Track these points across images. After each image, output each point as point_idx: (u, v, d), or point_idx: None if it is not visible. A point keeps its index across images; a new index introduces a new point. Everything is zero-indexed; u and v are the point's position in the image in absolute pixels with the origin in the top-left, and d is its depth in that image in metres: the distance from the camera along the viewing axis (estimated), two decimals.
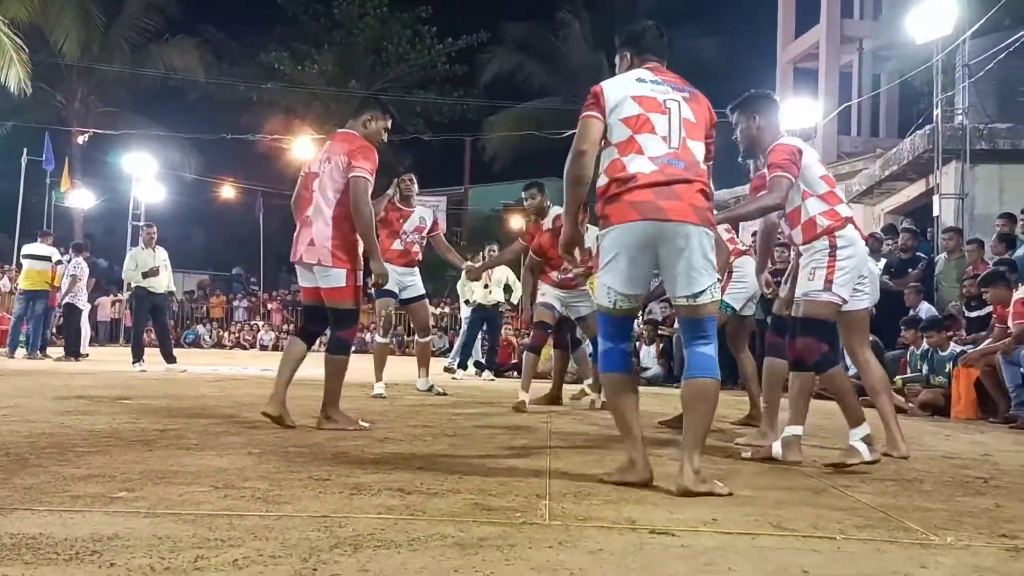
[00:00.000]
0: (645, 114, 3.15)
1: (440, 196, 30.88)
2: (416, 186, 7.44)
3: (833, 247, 3.91)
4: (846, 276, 3.92)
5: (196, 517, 2.41)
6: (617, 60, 3.51)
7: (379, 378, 7.12)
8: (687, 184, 3.09)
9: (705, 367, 3.12)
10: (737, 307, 5.77)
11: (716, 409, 3.15)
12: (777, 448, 3.94)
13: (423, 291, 7.46)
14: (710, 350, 3.14)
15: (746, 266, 5.73)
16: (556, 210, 6.25)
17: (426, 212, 7.53)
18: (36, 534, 2.16)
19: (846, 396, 3.90)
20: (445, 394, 7.50)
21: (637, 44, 3.43)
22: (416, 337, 8.18)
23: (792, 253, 4.48)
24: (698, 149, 3.21)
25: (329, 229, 4.57)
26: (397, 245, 7.20)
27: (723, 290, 5.32)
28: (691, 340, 3.17)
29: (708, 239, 3.11)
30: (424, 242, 7.44)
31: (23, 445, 3.69)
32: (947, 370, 7.70)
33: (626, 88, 3.22)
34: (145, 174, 23.28)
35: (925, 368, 8.09)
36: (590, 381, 7.27)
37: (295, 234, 4.73)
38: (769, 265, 4.67)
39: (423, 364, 7.78)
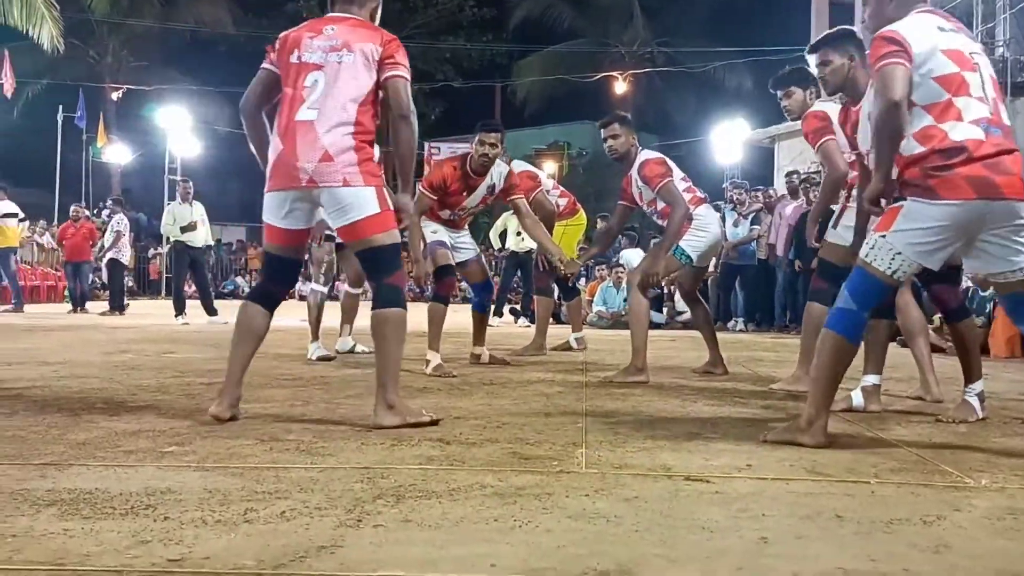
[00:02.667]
0: (960, 72, 2.86)
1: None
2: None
3: None
4: None
5: (244, 470, 2.50)
6: (871, 4, 3.15)
7: (315, 336, 6.15)
8: (1010, 155, 2.84)
9: None
10: (694, 257, 5.21)
11: None
12: (858, 398, 3.86)
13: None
14: None
15: (707, 215, 5.30)
16: (645, 154, 5.27)
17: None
18: (92, 489, 2.25)
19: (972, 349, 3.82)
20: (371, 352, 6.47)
21: None
22: (346, 288, 6.77)
23: (846, 198, 4.35)
24: (1004, 111, 2.95)
25: (352, 138, 3.26)
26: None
27: (681, 238, 5.10)
28: None
29: None
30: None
31: (75, 400, 3.82)
32: (987, 310, 7.62)
33: (932, 38, 2.88)
34: (179, 128, 23.43)
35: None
36: (579, 335, 7.24)
37: (278, 150, 3.32)
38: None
39: (348, 320, 6.64)
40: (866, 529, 1.98)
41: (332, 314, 6.61)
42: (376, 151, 3.87)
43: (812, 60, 4.14)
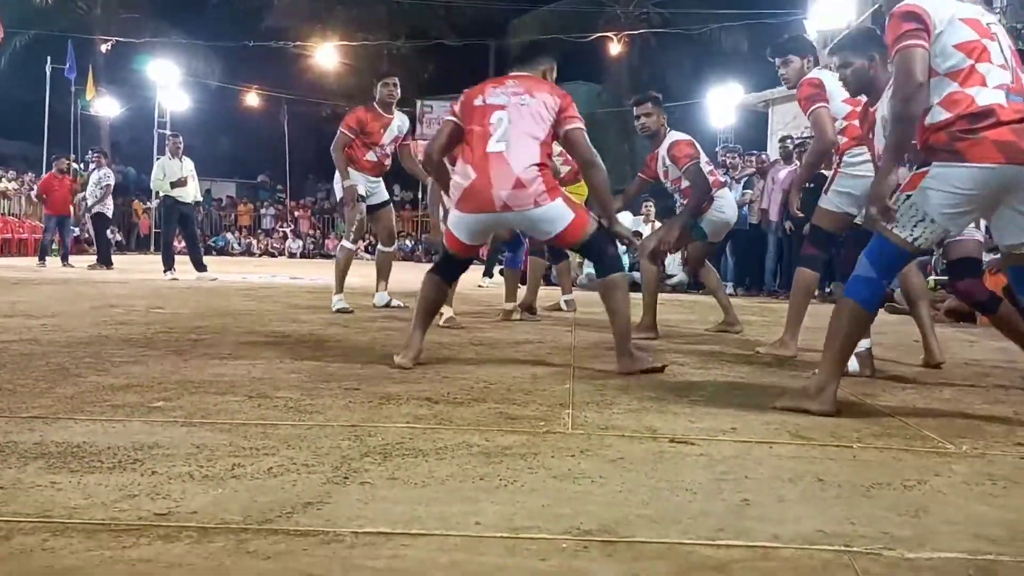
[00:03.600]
0: (980, 40, 2.85)
1: None
2: (399, 91, 6.65)
3: None
4: None
5: (231, 426, 2.51)
6: None
7: (340, 289, 6.52)
8: None
9: None
10: (709, 234, 5.69)
11: None
12: (853, 363, 3.88)
13: (387, 196, 6.96)
14: None
15: (727, 198, 5.75)
16: (675, 135, 5.59)
17: (403, 120, 6.78)
18: (80, 442, 2.26)
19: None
20: (406, 307, 6.54)
21: None
22: (379, 247, 7.22)
23: (837, 164, 4.39)
24: None
25: (538, 172, 3.68)
26: (371, 156, 6.55)
27: (700, 216, 5.54)
28: None
29: None
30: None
31: (63, 355, 3.82)
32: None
33: (949, 8, 2.87)
34: (169, 82, 23.19)
35: None
36: (569, 296, 7.30)
37: (470, 178, 3.72)
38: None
39: (383, 276, 6.96)
40: (847, 493, 2.01)
41: (362, 271, 6.79)
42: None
43: (834, 60, 4.09)
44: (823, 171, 4.74)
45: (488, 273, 12.16)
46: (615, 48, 24.64)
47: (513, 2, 28.73)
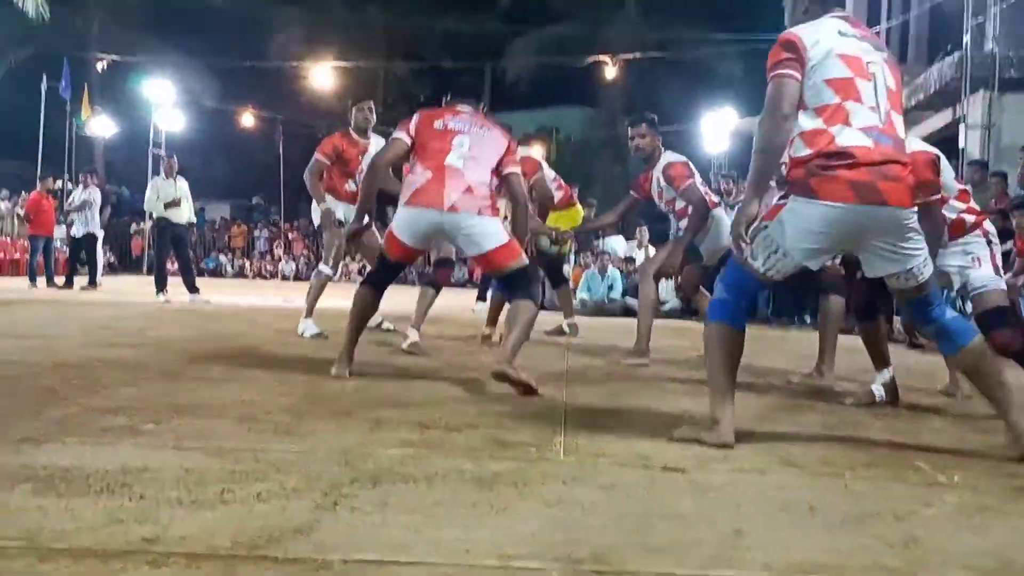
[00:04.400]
0: (853, 77, 2.83)
1: None
2: (374, 116, 6.58)
3: None
4: None
5: (221, 450, 2.50)
6: (788, 5, 3.20)
7: (309, 313, 6.24)
8: (901, 166, 2.82)
9: (968, 329, 3.01)
10: (704, 256, 5.61)
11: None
12: (879, 392, 3.96)
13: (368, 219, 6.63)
14: (951, 311, 3.00)
15: (721, 219, 5.62)
16: (669, 156, 5.55)
17: (381, 143, 6.53)
18: (68, 466, 2.24)
19: None
20: (396, 330, 6.45)
21: None
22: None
23: None
24: (900, 123, 2.93)
25: (488, 189, 4.10)
26: (350, 186, 6.36)
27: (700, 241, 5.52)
28: (930, 311, 2.97)
29: (916, 220, 2.89)
30: None
31: (52, 377, 3.80)
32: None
33: (829, 42, 2.86)
34: (165, 101, 23.20)
35: None
36: (572, 320, 7.30)
37: (424, 179, 4.04)
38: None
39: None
40: (838, 522, 2.00)
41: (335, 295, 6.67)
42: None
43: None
44: None
45: (482, 297, 12.16)
46: (610, 72, 24.76)
47: (509, 25, 28.91)
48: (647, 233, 12.75)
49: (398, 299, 6.76)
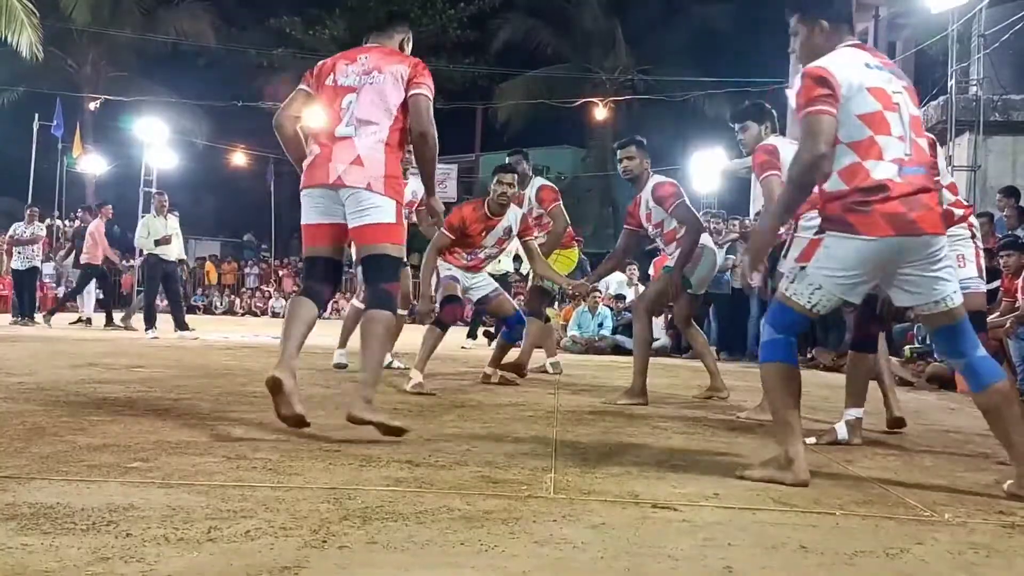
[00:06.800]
0: (882, 111, 2.86)
1: (451, 164, 30.81)
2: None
3: None
4: None
5: (209, 488, 2.47)
6: (802, 34, 3.10)
7: (343, 344, 6.51)
8: (928, 193, 2.85)
9: (996, 369, 2.94)
10: (694, 283, 5.56)
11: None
12: (843, 431, 3.90)
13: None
14: (982, 350, 2.95)
15: (707, 244, 5.63)
16: (658, 178, 5.55)
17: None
18: (54, 503, 2.22)
19: None
20: (406, 368, 6.39)
21: (831, 10, 3.02)
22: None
23: (789, 227, 4.46)
24: (924, 146, 2.96)
25: (382, 153, 3.59)
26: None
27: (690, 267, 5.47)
28: (960, 344, 2.93)
29: (949, 246, 2.95)
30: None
31: (39, 413, 3.77)
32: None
33: (858, 76, 2.87)
34: (156, 140, 23.26)
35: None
36: (555, 359, 7.30)
37: (312, 156, 3.68)
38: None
39: (389, 338, 6.08)
40: (830, 561, 1.99)
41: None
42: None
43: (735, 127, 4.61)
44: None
45: (472, 335, 12.15)
46: (600, 113, 25.03)
47: (500, 67, 29.20)
48: (637, 271, 12.79)
49: (406, 338, 6.74)
